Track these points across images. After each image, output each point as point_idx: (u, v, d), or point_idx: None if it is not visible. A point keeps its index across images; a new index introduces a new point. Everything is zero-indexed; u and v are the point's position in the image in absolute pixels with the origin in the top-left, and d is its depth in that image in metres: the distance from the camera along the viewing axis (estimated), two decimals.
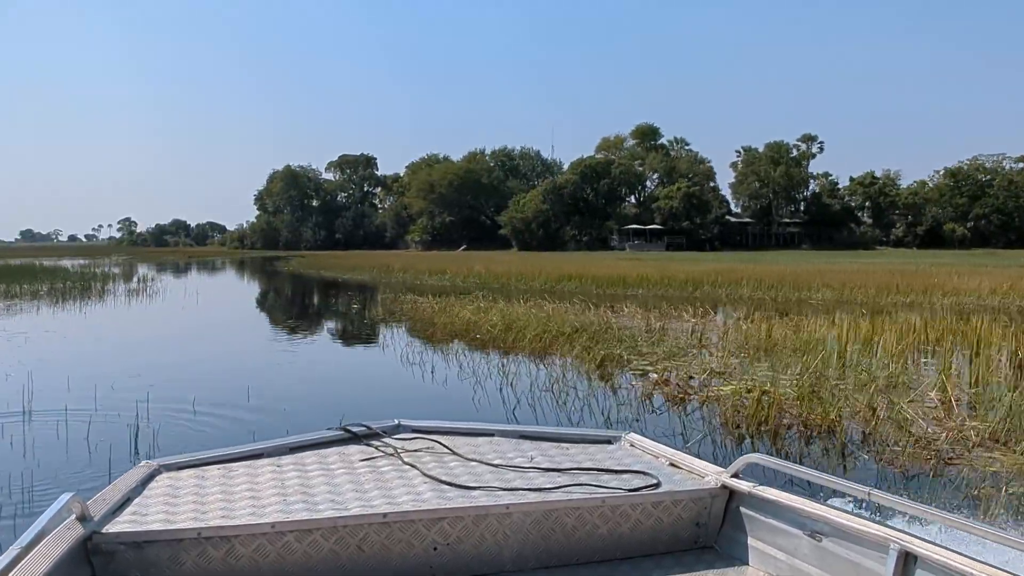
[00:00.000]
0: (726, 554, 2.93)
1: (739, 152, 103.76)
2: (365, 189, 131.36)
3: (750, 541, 2.88)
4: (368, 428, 3.52)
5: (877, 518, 2.69)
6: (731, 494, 2.99)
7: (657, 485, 2.98)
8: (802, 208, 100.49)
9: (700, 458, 3.28)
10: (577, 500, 2.84)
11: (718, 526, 3.00)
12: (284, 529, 2.54)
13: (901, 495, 2.76)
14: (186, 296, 26.53)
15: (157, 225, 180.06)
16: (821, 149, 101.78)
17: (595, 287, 26.00)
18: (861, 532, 2.46)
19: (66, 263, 55.69)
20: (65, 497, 2.36)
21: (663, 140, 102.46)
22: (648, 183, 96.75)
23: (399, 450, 3.29)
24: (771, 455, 3.22)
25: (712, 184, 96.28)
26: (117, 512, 2.58)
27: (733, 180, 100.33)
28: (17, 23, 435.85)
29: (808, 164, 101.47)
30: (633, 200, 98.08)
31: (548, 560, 2.81)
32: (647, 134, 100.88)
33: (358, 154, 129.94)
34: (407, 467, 3.11)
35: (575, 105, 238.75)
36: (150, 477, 2.96)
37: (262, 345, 14.45)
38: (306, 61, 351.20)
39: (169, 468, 3.05)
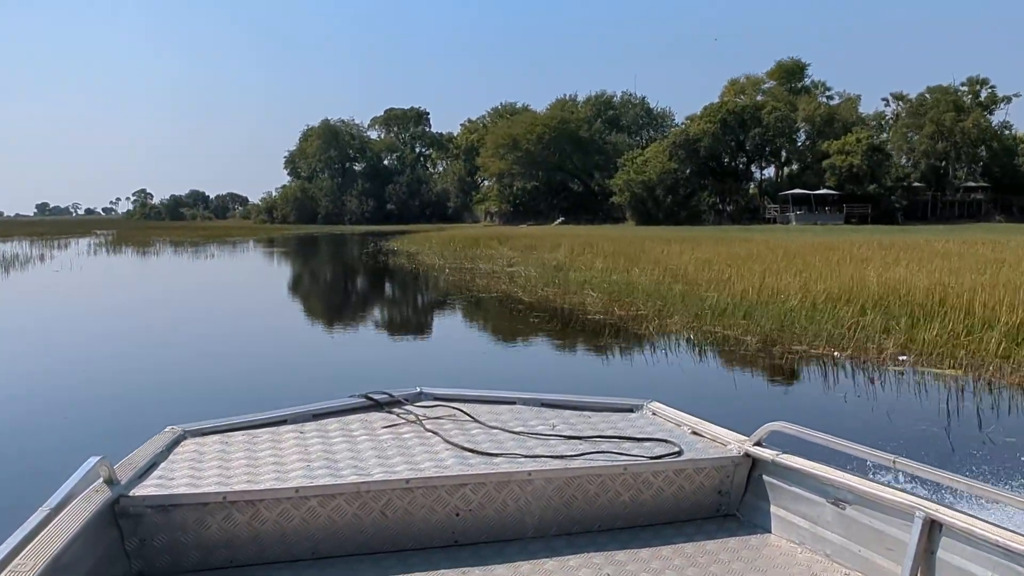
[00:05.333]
0: (748, 522, 2.91)
1: (887, 100, 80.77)
2: (417, 150, 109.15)
3: (773, 509, 2.85)
4: (390, 396, 3.47)
5: (902, 486, 2.59)
6: (754, 462, 2.94)
7: (679, 453, 2.95)
8: (979, 169, 77.64)
9: (722, 426, 3.21)
10: (599, 467, 2.81)
11: (740, 494, 2.97)
12: (308, 494, 2.54)
13: (927, 463, 2.44)
14: None
15: (172, 196, 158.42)
16: (994, 96, 78.82)
17: None
18: (885, 500, 2.42)
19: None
20: (92, 460, 2.35)
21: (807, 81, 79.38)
22: (798, 136, 73.69)
23: (421, 417, 3.27)
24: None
25: (884, 137, 73.50)
26: (144, 476, 2.59)
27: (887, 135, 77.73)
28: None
29: (995, 113, 78.83)
30: (773, 157, 75.61)
31: (570, 527, 2.80)
32: (792, 73, 77.67)
33: (407, 108, 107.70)
34: (429, 434, 3.09)
35: (661, 48, 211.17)
36: (175, 442, 2.94)
37: None
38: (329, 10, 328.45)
39: (194, 434, 3.04)
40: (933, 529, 2.26)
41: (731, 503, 2.96)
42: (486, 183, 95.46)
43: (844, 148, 65.70)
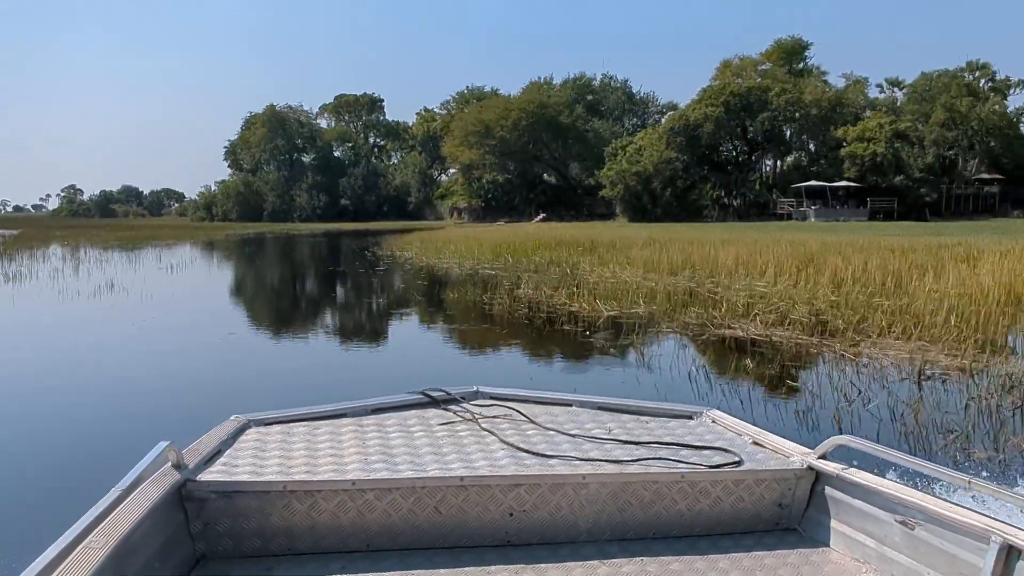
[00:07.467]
0: (810, 537, 2.82)
1: (883, 87, 73.82)
2: (371, 140, 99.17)
3: (836, 525, 2.76)
4: (447, 394, 3.44)
5: (977, 508, 2.44)
6: (817, 476, 2.84)
7: (739, 463, 2.85)
8: (988, 161, 71.04)
9: (785, 437, 3.09)
10: (655, 474, 2.75)
11: (802, 508, 2.88)
12: (364, 487, 2.56)
13: (1005, 486, 2.39)
14: None
15: (103, 192, 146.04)
16: (1008, 81, 72.38)
17: None
18: (959, 522, 2.31)
19: None
20: (162, 445, 2.40)
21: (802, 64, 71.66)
22: (807, 122, 65.77)
23: (477, 416, 3.23)
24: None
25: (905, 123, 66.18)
26: (209, 462, 2.63)
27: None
28: None
29: (1009, 99, 72.36)
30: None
31: (624, 532, 2.74)
32: (793, 52, 69.94)
33: (359, 94, 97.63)
34: (485, 433, 3.06)
35: (634, 29, 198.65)
36: (240, 431, 2.96)
37: None
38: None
39: (258, 423, 3.06)
40: (1011, 555, 2.14)
41: (792, 516, 2.87)
42: (445, 176, 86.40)
43: (864, 135, 58.16)
